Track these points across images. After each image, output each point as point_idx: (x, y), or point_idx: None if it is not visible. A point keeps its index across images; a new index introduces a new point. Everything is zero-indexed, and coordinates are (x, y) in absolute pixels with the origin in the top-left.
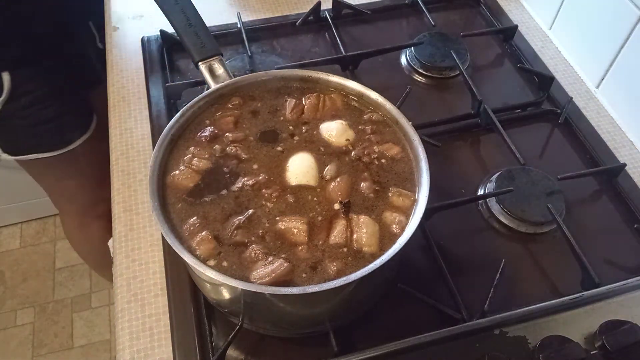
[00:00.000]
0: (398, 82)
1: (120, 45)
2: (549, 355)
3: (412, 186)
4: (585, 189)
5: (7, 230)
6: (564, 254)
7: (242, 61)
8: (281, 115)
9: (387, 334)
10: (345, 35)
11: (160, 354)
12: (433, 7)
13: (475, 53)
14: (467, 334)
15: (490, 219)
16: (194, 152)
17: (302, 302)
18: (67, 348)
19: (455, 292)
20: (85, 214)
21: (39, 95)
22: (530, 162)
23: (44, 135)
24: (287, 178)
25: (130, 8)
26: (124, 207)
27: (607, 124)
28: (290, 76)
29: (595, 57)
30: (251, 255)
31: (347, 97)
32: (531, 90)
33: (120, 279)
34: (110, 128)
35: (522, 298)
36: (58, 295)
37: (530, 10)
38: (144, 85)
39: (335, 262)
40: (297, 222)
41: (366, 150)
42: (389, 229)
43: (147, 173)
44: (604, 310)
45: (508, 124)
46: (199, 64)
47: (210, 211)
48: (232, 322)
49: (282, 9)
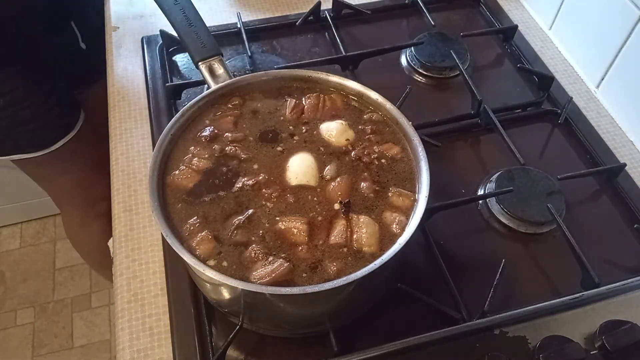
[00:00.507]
0: (398, 82)
1: (120, 45)
2: (549, 355)
3: (412, 186)
4: (585, 189)
5: (7, 230)
6: (564, 254)
7: (242, 61)
8: (281, 115)
9: (387, 334)
10: (345, 35)
11: (160, 354)
12: (433, 7)
13: (475, 53)
14: (467, 334)
15: (490, 219)
16: (194, 152)
17: (302, 302)
18: (67, 348)
19: (455, 292)
20: (85, 213)
21: (16, 96)
22: (530, 162)
23: (24, 136)
24: (287, 178)
25: (130, 8)
26: (124, 207)
27: (607, 124)
28: (290, 76)
29: (595, 57)
30: (251, 255)
31: (347, 97)
32: (531, 90)
33: (120, 279)
34: (110, 128)
35: (522, 298)
36: (58, 295)
37: (530, 10)
38: (144, 85)
39: (335, 262)
40: (297, 222)
41: (366, 150)
42: (389, 229)
43: (147, 173)
44: (604, 310)
45: (508, 124)
46: (199, 64)
47: (210, 211)
48: (232, 322)
49: (282, 9)
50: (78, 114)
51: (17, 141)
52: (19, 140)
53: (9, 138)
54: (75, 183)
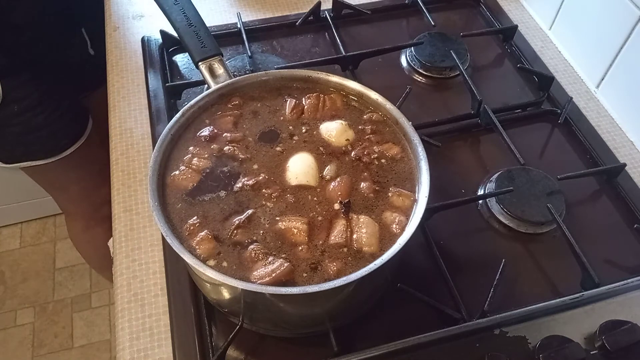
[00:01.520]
0: (398, 82)
1: (120, 45)
2: (549, 355)
3: (412, 186)
4: (585, 189)
5: (7, 230)
6: (564, 254)
7: (242, 61)
8: (281, 115)
9: (387, 334)
10: (345, 35)
11: (160, 354)
12: (433, 7)
13: (475, 53)
14: (467, 334)
15: (490, 219)
16: (194, 152)
17: (302, 302)
18: (67, 348)
19: (455, 292)
20: (90, 217)
21: (30, 103)
22: (530, 162)
23: (36, 143)
24: (287, 178)
25: (130, 8)
26: (124, 207)
27: (607, 124)
28: (290, 76)
29: (595, 57)
30: (251, 255)
31: (347, 97)
32: (531, 90)
33: (120, 279)
34: (110, 128)
35: (522, 298)
36: (58, 295)
37: (530, 10)
38: (144, 86)
39: (335, 262)
40: (297, 222)
41: (366, 150)
42: (389, 229)
43: (147, 173)
44: (604, 310)
45: (508, 124)
46: (199, 64)
47: (210, 211)
48: (232, 322)
49: (282, 9)
50: (87, 120)
51: (28, 148)
52: (31, 146)
53: (21, 145)
54: (82, 188)
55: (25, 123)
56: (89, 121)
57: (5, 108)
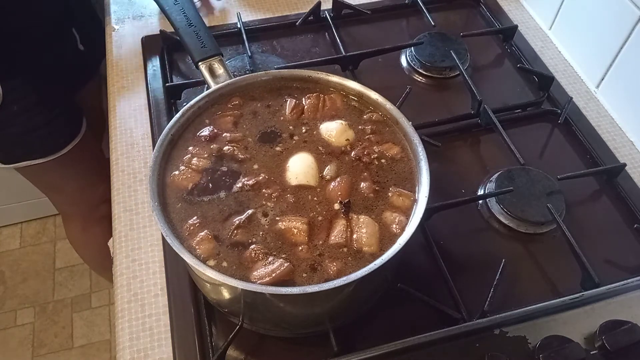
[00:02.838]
0: (398, 82)
1: (120, 45)
2: (549, 355)
3: (412, 186)
4: (585, 189)
5: (7, 230)
6: (564, 254)
7: (242, 61)
8: (281, 116)
9: (387, 334)
10: (345, 35)
11: (160, 354)
12: (433, 7)
13: (475, 53)
14: (467, 334)
15: (490, 219)
16: (194, 152)
17: (302, 302)
18: (67, 348)
19: (455, 292)
20: (87, 217)
21: (29, 103)
22: (530, 162)
23: (36, 142)
24: (287, 178)
25: (130, 8)
26: (124, 207)
27: (607, 124)
28: (290, 76)
29: (595, 57)
30: (251, 255)
31: (347, 97)
32: (531, 90)
33: (120, 279)
34: (110, 128)
35: (522, 298)
36: (58, 295)
37: (530, 10)
38: (144, 86)
39: (335, 262)
40: (297, 222)
41: (366, 150)
42: (389, 229)
43: (147, 173)
44: (604, 310)
45: (508, 124)
46: (199, 64)
47: (210, 211)
48: (232, 322)
49: (282, 9)
50: (82, 116)
51: (27, 147)
52: (30, 146)
53: (20, 145)
54: (79, 187)
55: (26, 123)
56: (83, 117)
57: (6, 109)
